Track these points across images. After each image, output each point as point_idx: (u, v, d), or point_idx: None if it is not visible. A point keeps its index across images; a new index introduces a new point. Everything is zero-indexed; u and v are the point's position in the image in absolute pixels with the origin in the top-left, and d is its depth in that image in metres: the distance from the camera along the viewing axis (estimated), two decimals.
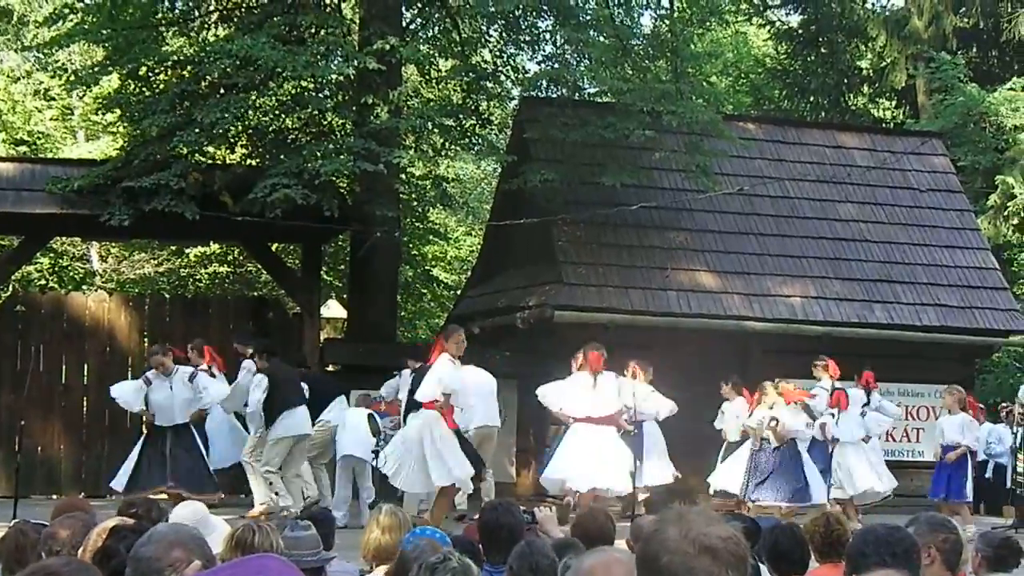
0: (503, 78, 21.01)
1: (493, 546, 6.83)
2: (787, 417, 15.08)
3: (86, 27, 18.82)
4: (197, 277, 28.19)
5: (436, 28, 20.66)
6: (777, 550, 6.83)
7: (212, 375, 15.00)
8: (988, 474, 19.20)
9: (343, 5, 20.06)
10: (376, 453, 14.31)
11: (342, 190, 18.45)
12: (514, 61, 21.38)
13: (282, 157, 17.65)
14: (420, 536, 6.50)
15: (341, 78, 17.33)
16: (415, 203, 24.72)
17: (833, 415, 15.69)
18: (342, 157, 16.62)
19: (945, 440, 16.08)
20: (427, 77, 21.28)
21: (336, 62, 17.33)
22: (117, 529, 5.48)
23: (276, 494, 14.65)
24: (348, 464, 15.05)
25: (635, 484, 14.55)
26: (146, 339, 18.47)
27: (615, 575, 3.59)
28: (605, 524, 7.46)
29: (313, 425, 14.93)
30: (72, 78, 20.80)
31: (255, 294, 25.49)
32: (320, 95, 18.32)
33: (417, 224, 26.24)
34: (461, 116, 19.65)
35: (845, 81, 32.15)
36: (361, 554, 7.21)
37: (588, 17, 18.49)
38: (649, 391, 15.57)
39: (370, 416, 14.32)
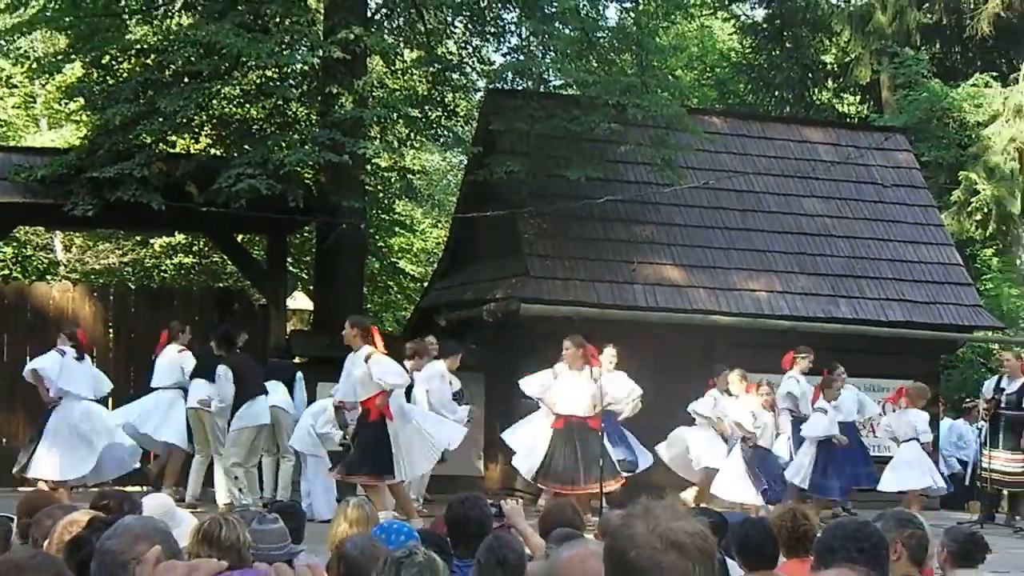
0: (468, 69, 20.98)
1: (461, 540, 6.83)
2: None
3: (48, 14, 18.67)
4: (162, 268, 28.07)
5: (401, 18, 20.61)
6: (747, 544, 6.84)
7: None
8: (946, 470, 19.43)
9: None
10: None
11: (307, 181, 18.41)
12: (480, 53, 21.35)
13: (247, 147, 17.60)
14: (374, 534, 6.51)
15: (306, 67, 17.29)
16: (381, 195, 24.68)
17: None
18: (307, 147, 16.55)
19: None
20: (392, 68, 21.22)
21: (301, 51, 17.26)
22: (93, 521, 5.47)
23: (240, 489, 14.63)
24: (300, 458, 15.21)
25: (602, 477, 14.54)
26: (111, 330, 18.41)
27: (591, 568, 3.58)
28: (572, 518, 7.45)
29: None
30: (34, 66, 20.68)
31: (220, 285, 25.40)
32: (285, 84, 18.25)
33: (383, 216, 26.19)
34: (427, 107, 19.63)
35: (809, 76, 32.29)
36: (328, 547, 7.19)
37: (554, 9, 18.43)
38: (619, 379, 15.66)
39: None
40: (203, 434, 15.28)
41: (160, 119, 16.62)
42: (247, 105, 19.11)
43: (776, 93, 32.19)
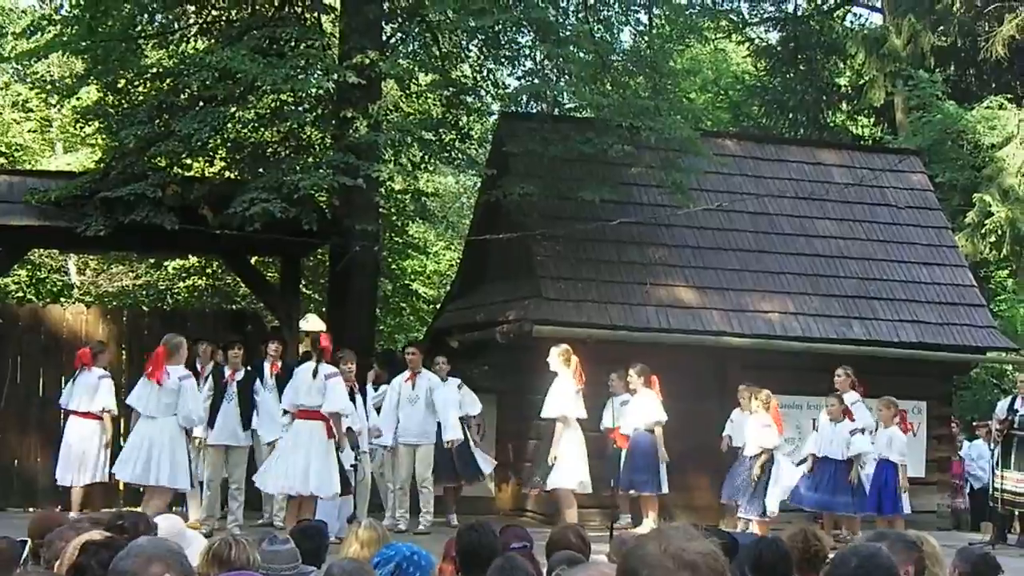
0: (483, 93, 21.01)
1: (473, 567, 6.79)
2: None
3: (65, 39, 18.78)
4: (175, 290, 28.10)
5: (416, 43, 20.64)
6: (761, 563, 6.83)
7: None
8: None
9: (323, 19, 20.03)
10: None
11: (321, 204, 18.43)
12: (494, 76, 21.39)
13: (261, 171, 17.64)
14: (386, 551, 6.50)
15: (320, 92, 17.31)
16: (395, 217, 24.71)
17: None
18: (321, 171, 16.59)
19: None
20: (407, 91, 21.26)
21: (316, 76, 17.31)
22: (88, 545, 5.45)
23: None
24: None
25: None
26: (124, 352, 18.44)
27: None
28: (575, 544, 7.41)
29: None
30: (50, 89, 20.77)
31: (234, 307, 25.44)
32: (299, 109, 18.30)
33: (396, 239, 26.21)
34: (441, 130, 19.64)
35: (824, 98, 32.32)
36: None
37: (568, 33, 18.47)
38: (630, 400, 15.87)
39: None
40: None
41: (175, 142, 16.70)
42: (262, 129, 19.16)
43: (790, 115, 32.23)
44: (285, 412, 14.29)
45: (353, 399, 14.57)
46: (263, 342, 16.31)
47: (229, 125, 18.19)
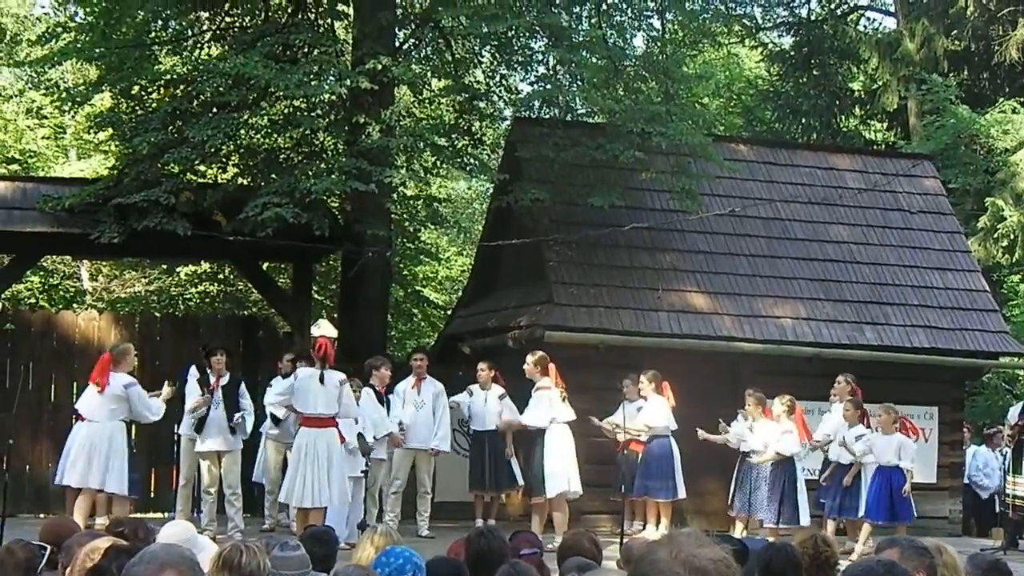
0: (496, 98, 21.01)
1: (483, 572, 6.80)
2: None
3: (79, 46, 18.83)
4: (187, 296, 28.16)
5: (429, 48, 20.66)
6: (770, 569, 6.82)
7: None
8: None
9: (336, 25, 20.05)
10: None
11: (333, 209, 18.45)
12: (507, 81, 21.40)
13: (273, 176, 17.65)
14: (388, 555, 6.51)
15: (333, 97, 17.33)
16: (407, 222, 24.72)
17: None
18: (333, 176, 16.61)
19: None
20: (419, 97, 21.27)
21: (328, 81, 17.32)
22: (111, 549, 5.48)
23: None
24: None
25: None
26: (136, 358, 18.45)
27: None
28: (588, 549, 7.42)
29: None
30: (64, 96, 20.80)
31: (245, 313, 25.46)
32: (312, 114, 18.31)
33: (408, 244, 26.25)
34: (453, 135, 19.66)
35: (837, 103, 32.31)
36: None
37: (581, 38, 18.47)
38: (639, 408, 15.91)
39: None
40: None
41: (188, 149, 16.72)
42: (275, 135, 19.17)
43: (803, 120, 32.21)
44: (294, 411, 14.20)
45: (383, 402, 14.81)
46: (276, 357, 16.38)
47: (242, 131, 18.22)
